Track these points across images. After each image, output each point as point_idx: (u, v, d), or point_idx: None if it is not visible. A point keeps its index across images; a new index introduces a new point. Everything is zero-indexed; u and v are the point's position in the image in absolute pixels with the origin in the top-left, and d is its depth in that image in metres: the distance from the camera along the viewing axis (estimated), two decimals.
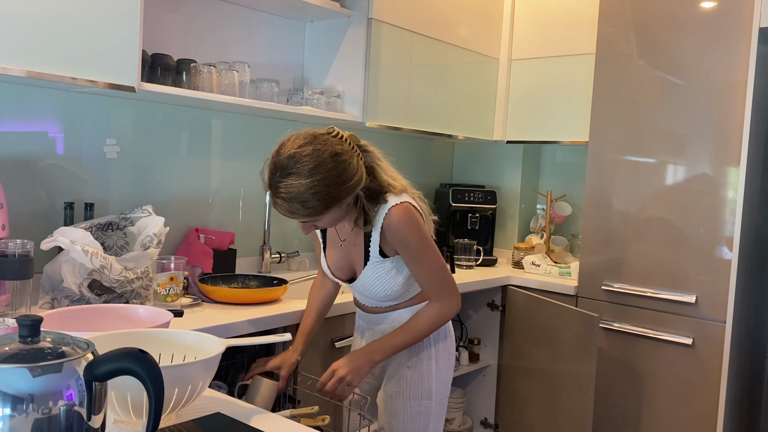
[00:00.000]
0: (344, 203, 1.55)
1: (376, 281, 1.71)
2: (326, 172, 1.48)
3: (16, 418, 0.70)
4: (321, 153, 1.49)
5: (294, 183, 1.47)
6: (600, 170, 2.69)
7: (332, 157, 1.50)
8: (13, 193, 1.91)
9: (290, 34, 2.72)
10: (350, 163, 1.52)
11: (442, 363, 1.81)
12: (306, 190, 1.47)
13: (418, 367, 1.77)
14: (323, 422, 1.57)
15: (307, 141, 1.52)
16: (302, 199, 1.48)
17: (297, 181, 1.47)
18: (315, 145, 1.50)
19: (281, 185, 1.48)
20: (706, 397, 2.40)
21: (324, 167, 1.48)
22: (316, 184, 1.47)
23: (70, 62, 1.71)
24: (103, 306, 1.48)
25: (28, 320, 0.77)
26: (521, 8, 3.19)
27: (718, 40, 2.39)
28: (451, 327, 1.87)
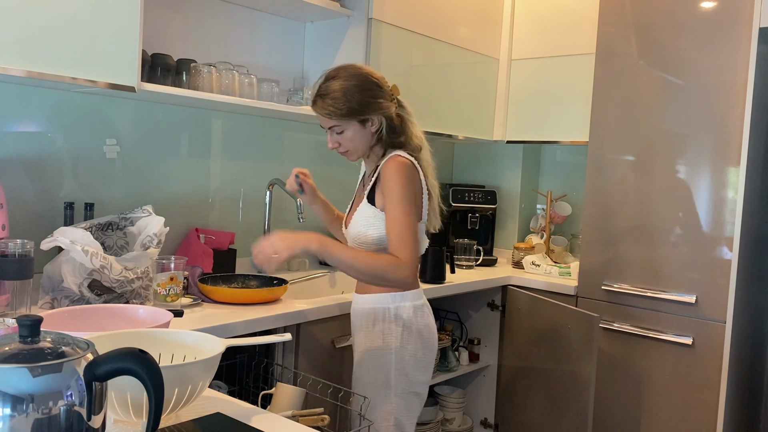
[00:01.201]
0: (367, 123, 1.79)
1: (355, 223, 1.83)
2: (360, 82, 1.77)
3: (16, 418, 0.70)
4: (362, 71, 1.81)
5: (333, 84, 1.77)
6: (600, 170, 2.69)
7: (368, 75, 1.80)
8: (13, 193, 1.91)
9: (290, 34, 2.72)
10: (383, 91, 1.80)
11: (406, 357, 1.81)
12: (339, 89, 1.75)
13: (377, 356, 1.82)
14: (323, 422, 1.57)
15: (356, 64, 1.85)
16: (334, 96, 1.75)
17: (335, 83, 1.77)
18: (362, 68, 1.83)
19: (322, 86, 1.79)
20: (706, 397, 2.40)
21: (360, 79, 1.78)
22: (348, 85, 1.76)
23: (70, 62, 1.71)
24: (103, 306, 1.48)
25: (28, 320, 0.77)
26: (521, 8, 3.19)
27: (718, 40, 2.39)
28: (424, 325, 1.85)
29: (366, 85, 1.78)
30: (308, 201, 2.11)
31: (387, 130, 1.81)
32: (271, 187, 2.57)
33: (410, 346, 1.83)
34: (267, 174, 2.63)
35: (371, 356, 1.83)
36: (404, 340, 1.82)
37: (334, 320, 2.10)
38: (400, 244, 1.73)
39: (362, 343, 1.86)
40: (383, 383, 1.82)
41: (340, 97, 1.75)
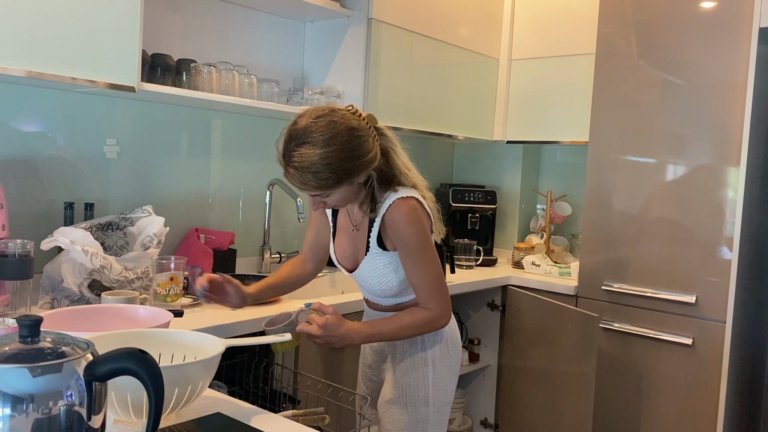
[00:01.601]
0: (355, 181, 1.56)
1: (373, 273, 1.68)
2: (341, 145, 1.48)
3: (16, 418, 0.70)
4: (337, 125, 1.49)
5: (308, 152, 1.47)
6: (600, 170, 2.69)
7: (348, 131, 1.50)
8: (13, 193, 1.91)
9: (290, 34, 2.72)
10: (365, 140, 1.52)
11: (441, 369, 1.75)
12: (319, 161, 1.47)
13: (414, 374, 1.73)
14: (323, 422, 1.57)
15: (325, 113, 1.51)
16: (315, 170, 1.48)
17: (311, 151, 1.47)
18: (332, 117, 1.50)
19: (295, 154, 1.49)
20: (706, 397, 2.40)
21: (339, 139, 1.48)
22: (329, 155, 1.47)
23: (70, 62, 1.71)
24: (103, 306, 1.48)
25: (28, 320, 0.77)
26: (521, 8, 3.19)
27: (718, 40, 2.39)
28: (452, 331, 1.79)
29: (348, 145, 1.49)
30: (237, 305, 1.80)
31: (378, 178, 1.60)
32: (271, 187, 2.58)
33: (446, 357, 1.76)
34: (267, 174, 2.63)
35: (408, 375, 1.73)
36: (443, 352, 1.75)
37: None
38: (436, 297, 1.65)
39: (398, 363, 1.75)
40: (422, 401, 1.74)
41: (323, 169, 1.48)
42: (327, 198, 1.57)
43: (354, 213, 1.73)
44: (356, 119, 1.54)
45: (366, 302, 1.86)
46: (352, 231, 1.73)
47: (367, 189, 1.62)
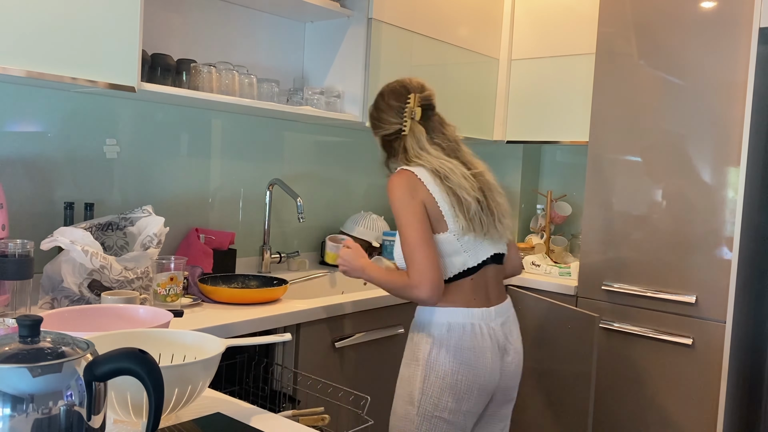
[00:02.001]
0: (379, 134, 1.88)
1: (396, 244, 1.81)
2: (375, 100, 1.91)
3: (16, 418, 0.70)
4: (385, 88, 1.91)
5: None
6: (600, 170, 2.69)
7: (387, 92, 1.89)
8: (13, 193, 1.91)
9: (290, 34, 2.72)
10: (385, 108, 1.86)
11: (432, 376, 1.70)
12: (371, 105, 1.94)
13: (408, 369, 1.77)
14: (323, 422, 1.57)
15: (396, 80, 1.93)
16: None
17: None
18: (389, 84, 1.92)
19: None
20: (706, 397, 2.40)
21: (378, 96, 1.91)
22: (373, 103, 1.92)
23: (70, 62, 1.71)
24: (103, 306, 1.48)
25: (28, 320, 0.77)
26: (521, 8, 3.19)
27: (718, 40, 2.39)
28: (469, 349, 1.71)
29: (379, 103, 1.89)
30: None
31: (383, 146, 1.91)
32: (271, 187, 2.58)
33: (440, 365, 1.70)
34: (267, 174, 2.63)
35: (405, 368, 1.79)
36: (433, 356, 1.71)
37: (334, 320, 2.10)
38: (410, 266, 1.68)
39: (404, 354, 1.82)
40: (407, 398, 1.74)
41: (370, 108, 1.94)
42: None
43: None
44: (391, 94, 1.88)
45: None
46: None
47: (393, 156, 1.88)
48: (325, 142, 2.87)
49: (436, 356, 1.71)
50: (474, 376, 1.71)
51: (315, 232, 2.87)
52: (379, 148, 1.92)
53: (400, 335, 2.38)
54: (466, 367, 1.70)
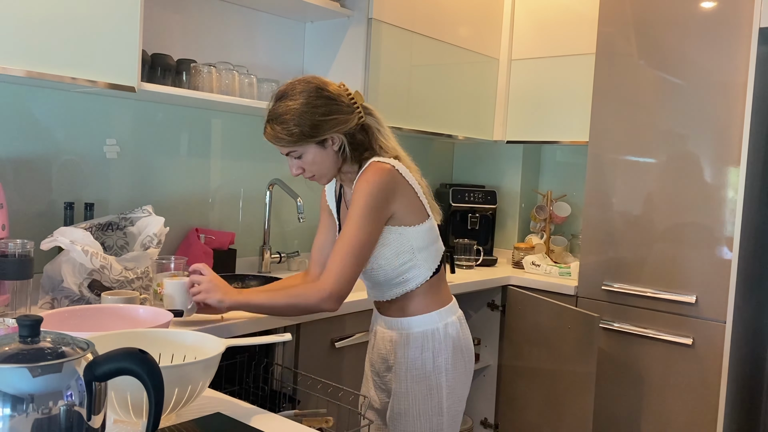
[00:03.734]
0: (327, 143, 1.61)
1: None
2: (311, 100, 1.58)
3: (16, 418, 0.70)
4: (312, 86, 1.61)
5: (281, 105, 1.60)
6: (600, 170, 2.69)
7: (318, 89, 1.60)
8: (13, 193, 1.91)
9: (290, 34, 2.72)
10: (338, 103, 1.61)
11: (454, 376, 1.69)
12: (287, 111, 1.57)
13: (427, 383, 1.67)
14: (327, 424, 1.56)
15: (308, 78, 1.64)
16: (282, 121, 1.58)
17: (284, 104, 1.59)
18: (313, 81, 1.63)
19: (272, 109, 1.61)
20: (706, 397, 2.40)
21: (311, 95, 1.59)
22: (298, 107, 1.57)
23: (70, 62, 1.71)
24: (104, 306, 1.48)
25: (28, 320, 0.77)
26: (521, 8, 3.19)
27: (718, 40, 2.39)
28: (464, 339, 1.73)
29: (316, 101, 1.58)
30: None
31: (350, 147, 1.63)
32: (271, 187, 2.58)
33: (459, 364, 1.70)
34: (267, 174, 2.63)
35: (420, 384, 1.67)
36: (456, 358, 1.69)
37: (333, 320, 2.10)
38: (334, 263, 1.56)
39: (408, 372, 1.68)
40: (436, 410, 1.68)
41: (289, 120, 1.56)
42: (301, 160, 1.62)
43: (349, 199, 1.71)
44: (336, 88, 1.63)
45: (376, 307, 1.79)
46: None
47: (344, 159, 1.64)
48: None
49: (456, 358, 1.70)
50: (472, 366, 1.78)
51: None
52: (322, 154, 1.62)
53: None
54: (471, 360, 1.75)
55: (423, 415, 1.67)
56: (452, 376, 1.69)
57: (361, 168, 1.63)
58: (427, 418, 1.67)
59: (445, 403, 1.68)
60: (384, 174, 1.59)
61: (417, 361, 1.67)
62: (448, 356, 1.68)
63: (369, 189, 1.57)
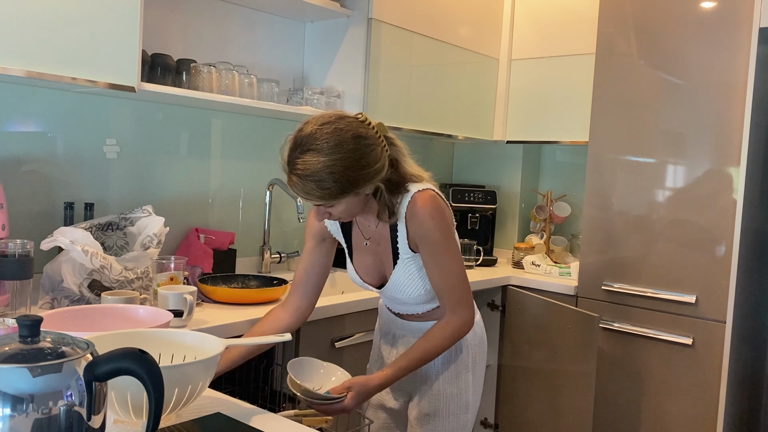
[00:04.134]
0: (362, 192, 1.47)
1: (408, 281, 1.59)
2: (346, 153, 1.40)
3: (16, 418, 0.70)
4: (344, 133, 1.41)
5: (311, 160, 1.39)
6: (600, 170, 2.69)
7: (354, 139, 1.41)
8: (13, 193, 1.91)
9: (290, 34, 2.72)
10: (373, 149, 1.44)
11: (478, 373, 1.73)
12: (323, 169, 1.38)
13: (457, 382, 1.67)
14: (326, 423, 1.56)
15: (331, 120, 1.43)
16: (318, 178, 1.39)
17: (315, 158, 1.39)
18: (339, 124, 1.42)
19: (299, 161, 1.40)
20: (706, 397, 2.40)
21: (345, 147, 1.40)
22: (334, 163, 1.39)
23: (69, 62, 1.71)
24: (104, 306, 1.48)
25: (28, 320, 0.77)
26: (521, 8, 3.19)
27: (718, 40, 2.39)
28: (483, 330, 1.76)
29: (354, 154, 1.41)
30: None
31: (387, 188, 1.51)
32: (271, 187, 2.58)
33: (482, 358, 1.74)
34: (267, 174, 2.63)
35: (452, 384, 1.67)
36: (481, 353, 1.73)
37: (334, 320, 2.10)
38: (461, 297, 1.57)
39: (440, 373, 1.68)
40: (464, 408, 1.69)
41: (326, 178, 1.39)
42: (331, 209, 1.48)
43: (367, 226, 1.64)
44: (364, 127, 1.45)
45: (397, 316, 1.73)
46: (366, 245, 1.65)
47: (377, 200, 1.53)
48: None
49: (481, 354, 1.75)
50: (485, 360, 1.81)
51: None
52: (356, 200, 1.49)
53: None
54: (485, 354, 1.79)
55: (452, 414, 1.67)
56: (478, 372, 1.73)
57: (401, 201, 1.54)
58: (455, 416, 1.67)
59: (471, 400, 1.70)
60: (439, 201, 1.55)
61: (452, 360, 1.67)
62: (477, 352, 1.71)
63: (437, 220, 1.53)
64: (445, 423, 1.67)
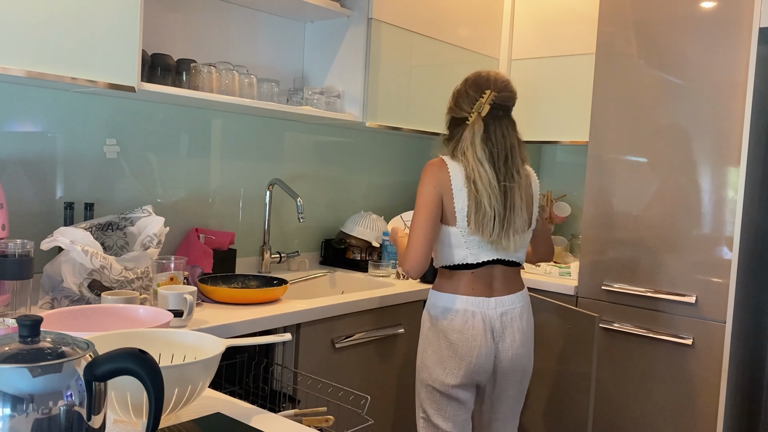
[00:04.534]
0: (450, 113, 2.00)
1: None
2: (461, 84, 2.01)
3: (16, 418, 0.70)
4: (468, 77, 2.01)
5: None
6: (600, 170, 2.69)
7: (468, 81, 1.99)
8: (13, 193, 1.91)
9: (290, 34, 2.72)
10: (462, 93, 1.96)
11: (429, 351, 1.94)
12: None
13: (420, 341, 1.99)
14: (327, 423, 1.56)
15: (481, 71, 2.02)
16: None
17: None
18: (472, 73, 2.01)
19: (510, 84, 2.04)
20: (706, 397, 2.40)
21: (464, 81, 2.00)
22: (459, 85, 2.01)
23: (70, 62, 1.71)
24: (103, 306, 1.48)
25: (28, 320, 0.77)
26: (521, 8, 3.19)
27: (718, 40, 2.39)
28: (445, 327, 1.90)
29: (460, 87, 1.98)
30: None
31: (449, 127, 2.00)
32: (271, 187, 2.58)
33: (434, 342, 1.92)
34: (267, 174, 2.63)
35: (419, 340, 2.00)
36: (431, 334, 1.93)
37: (334, 320, 2.10)
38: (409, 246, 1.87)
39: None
40: (421, 367, 1.97)
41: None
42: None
43: None
44: (475, 81, 1.96)
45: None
46: None
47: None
48: (325, 142, 2.87)
49: (431, 334, 1.94)
50: (461, 357, 1.89)
51: (315, 232, 2.87)
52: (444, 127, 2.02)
53: (399, 335, 2.38)
54: (452, 347, 1.89)
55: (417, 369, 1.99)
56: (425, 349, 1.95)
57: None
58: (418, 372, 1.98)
59: (419, 367, 1.96)
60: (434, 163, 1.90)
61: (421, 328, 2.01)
62: (425, 330, 1.96)
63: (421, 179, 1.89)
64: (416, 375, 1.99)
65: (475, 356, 1.88)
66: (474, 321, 1.88)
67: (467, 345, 1.88)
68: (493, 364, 1.92)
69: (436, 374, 1.91)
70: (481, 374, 1.92)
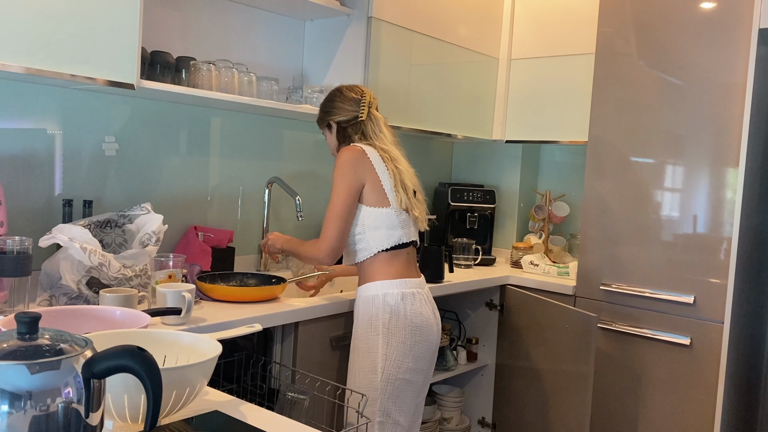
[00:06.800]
0: (328, 127, 2.10)
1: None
2: (328, 95, 2.13)
3: (14, 415, 0.70)
4: (336, 87, 2.13)
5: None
6: (599, 170, 2.69)
7: (335, 91, 2.11)
8: (12, 190, 1.91)
9: (290, 33, 2.72)
10: (343, 100, 2.06)
11: (393, 342, 1.92)
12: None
13: (367, 342, 1.93)
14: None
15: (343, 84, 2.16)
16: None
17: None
18: (340, 86, 2.13)
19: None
20: (704, 397, 2.41)
21: (330, 93, 2.13)
22: (327, 97, 2.13)
23: (69, 59, 1.71)
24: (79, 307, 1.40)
25: (27, 317, 0.77)
26: (521, 8, 3.19)
27: (718, 40, 2.39)
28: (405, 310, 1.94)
29: (329, 97, 2.11)
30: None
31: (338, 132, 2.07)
32: (269, 185, 2.57)
33: (399, 331, 1.93)
34: (266, 172, 2.63)
35: (363, 342, 1.94)
36: (392, 325, 1.92)
37: (332, 319, 2.10)
38: (324, 227, 1.94)
39: (358, 330, 1.98)
40: (371, 368, 1.92)
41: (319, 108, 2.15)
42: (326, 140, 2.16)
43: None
44: (351, 90, 2.08)
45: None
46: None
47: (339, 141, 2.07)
48: (324, 140, 2.86)
49: (396, 324, 1.93)
50: (426, 337, 1.97)
51: (314, 231, 2.86)
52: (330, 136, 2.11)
53: None
54: (419, 330, 1.95)
55: (361, 371, 1.93)
56: (389, 341, 1.91)
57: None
58: (363, 374, 1.93)
59: (380, 364, 1.91)
60: (349, 150, 1.97)
61: (362, 322, 1.95)
62: (385, 321, 1.92)
63: (339, 166, 1.94)
64: (355, 377, 1.94)
65: (434, 334, 2.00)
66: (423, 301, 1.99)
67: (427, 324, 1.97)
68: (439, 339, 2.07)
69: (405, 364, 1.93)
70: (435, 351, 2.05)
